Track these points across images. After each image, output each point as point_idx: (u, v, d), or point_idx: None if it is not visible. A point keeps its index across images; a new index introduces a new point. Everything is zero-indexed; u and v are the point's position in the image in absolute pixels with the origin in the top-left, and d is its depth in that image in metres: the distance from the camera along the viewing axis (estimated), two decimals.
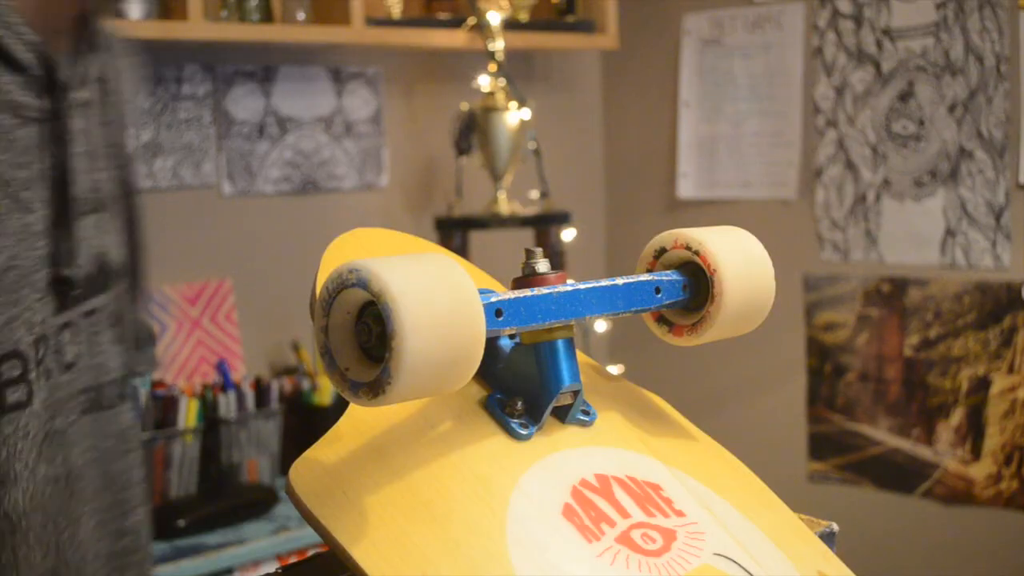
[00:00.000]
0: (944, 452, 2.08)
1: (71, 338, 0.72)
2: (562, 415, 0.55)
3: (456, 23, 2.07)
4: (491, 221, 2.03)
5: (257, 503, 1.76)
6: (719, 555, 0.51)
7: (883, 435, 2.16)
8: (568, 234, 2.10)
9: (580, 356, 0.58)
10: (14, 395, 0.68)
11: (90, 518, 0.75)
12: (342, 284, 0.46)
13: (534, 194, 2.14)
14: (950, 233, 2.04)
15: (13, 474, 0.69)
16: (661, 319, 0.59)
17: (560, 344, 0.54)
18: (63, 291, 0.71)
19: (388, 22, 2.01)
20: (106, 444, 0.76)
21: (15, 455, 0.68)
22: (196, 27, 1.74)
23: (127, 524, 0.78)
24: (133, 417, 0.78)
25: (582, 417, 0.56)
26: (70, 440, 0.72)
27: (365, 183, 2.15)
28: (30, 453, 0.69)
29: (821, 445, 2.25)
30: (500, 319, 0.50)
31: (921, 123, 2.06)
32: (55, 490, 0.72)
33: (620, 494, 0.52)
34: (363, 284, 0.45)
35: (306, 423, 1.90)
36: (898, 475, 2.15)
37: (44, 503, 0.71)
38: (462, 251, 2.01)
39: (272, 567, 1.33)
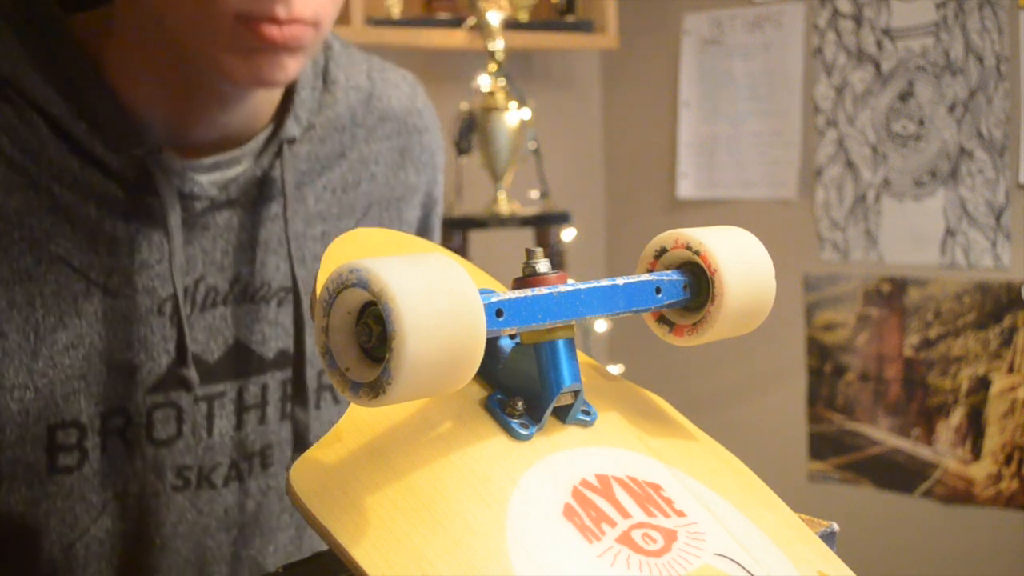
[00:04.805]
0: (944, 452, 2.08)
1: (169, 417, 0.75)
2: (562, 415, 0.55)
3: (456, 23, 2.07)
4: (491, 221, 2.03)
5: None
6: (720, 555, 0.51)
7: (883, 435, 2.16)
8: (568, 234, 2.10)
9: (580, 356, 0.58)
10: (65, 460, 0.72)
11: None
12: (342, 284, 0.46)
13: (534, 194, 2.14)
14: (950, 233, 2.04)
15: (51, 530, 0.73)
16: (661, 319, 0.59)
17: (560, 344, 0.54)
18: (162, 374, 0.74)
19: (388, 22, 2.01)
20: (202, 521, 0.78)
21: (53, 512, 0.73)
22: None
23: None
24: (239, 499, 0.80)
25: (582, 417, 0.56)
26: (152, 509, 0.76)
27: None
28: (83, 513, 0.74)
29: (821, 445, 2.25)
30: (500, 319, 0.50)
31: (921, 123, 2.06)
32: (123, 546, 0.76)
33: (621, 494, 0.52)
34: (363, 284, 0.45)
35: None
36: (898, 475, 2.15)
37: (104, 554, 0.75)
38: (462, 251, 2.01)
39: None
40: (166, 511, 0.76)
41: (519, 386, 0.54)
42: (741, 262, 0.57)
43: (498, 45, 2.02)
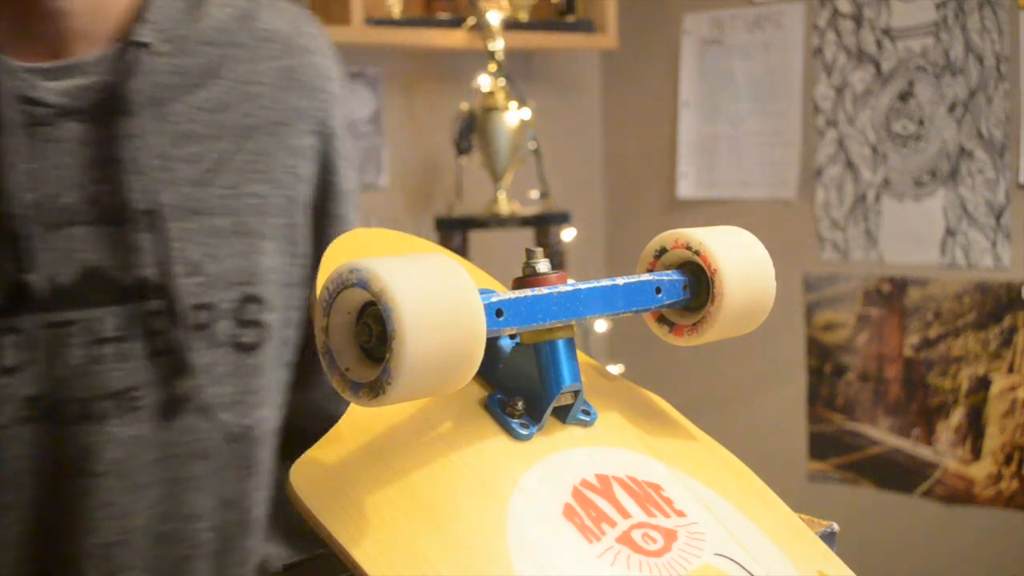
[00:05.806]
0: (944, 452, 2.08)
1: (16, 343, 0.72)
2: (563, 415, 0.55)
3: (456, 23, 2.07)
4: (491, 221, 2.03)
5: None
6: (720, 555, 0.51)
7: (883, 435, 2.16)
8: (568, 234, 2.10)
9: (580, 356, 0.58)
10: None
11: (15, 521, 0.74)
12: (342, 284, 0.46)
13: (534, 194, 2.14)
14: (950, 233, 2.04)
15: None
16: (662, 319, 0.59)
17: (560, 344, 0.54)
18: (5, 296, 0.71)
19: (388, 22, 2.01)
20: (52, 456, 0.74)
21: None
22: None
23: (63, 543, 0.75)
24: (106, 441, 0.74)
25: (583, 417, 0.56)
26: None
27: (365, 183, 2.15)
28: None
29: (821, 445, 2.25)
30: (501, 319, 0.50)
31: (921, 123, 2.06)
32: None
33: (621, 494, 0.52)
34: (363, 284, 0.45)
35: None
36: (898, 475, 2.15)
37: None
38: (462, 251, 2.01)
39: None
40: (12, 443, 0.72)
41: (519, 386, 0.54)
42: (741, 262, 0.57)
43: (498, 45, 2.02)
